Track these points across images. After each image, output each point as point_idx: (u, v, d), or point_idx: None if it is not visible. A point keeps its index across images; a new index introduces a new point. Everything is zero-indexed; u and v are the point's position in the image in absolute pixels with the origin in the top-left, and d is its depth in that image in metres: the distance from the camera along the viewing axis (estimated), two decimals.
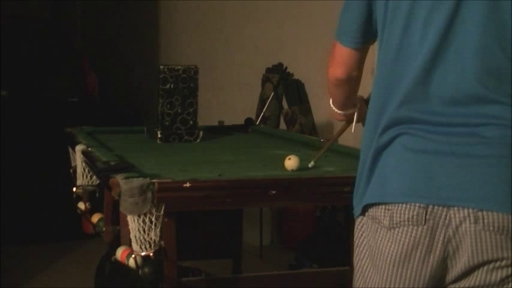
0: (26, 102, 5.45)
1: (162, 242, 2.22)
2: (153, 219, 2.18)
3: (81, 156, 2.91)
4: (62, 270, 4.57)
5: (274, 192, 2.31)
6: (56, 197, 4.91)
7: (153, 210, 2.17)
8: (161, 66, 3.30)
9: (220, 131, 3.75)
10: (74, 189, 3.02)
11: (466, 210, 1.54)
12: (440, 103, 1.60)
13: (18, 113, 5.36)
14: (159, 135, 3.29)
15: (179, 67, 3.30)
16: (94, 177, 2.87)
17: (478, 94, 1.58)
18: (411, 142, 1.61)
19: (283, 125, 4.81)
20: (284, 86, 4.78)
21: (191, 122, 3.31)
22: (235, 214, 3.40)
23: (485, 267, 1.57)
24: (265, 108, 4.78)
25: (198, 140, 3.33)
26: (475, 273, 1.59)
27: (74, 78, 5.76)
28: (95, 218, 2.95)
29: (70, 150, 3.31)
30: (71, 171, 3.24)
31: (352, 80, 1.88)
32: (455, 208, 1.55)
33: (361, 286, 1.73)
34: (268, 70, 4.96)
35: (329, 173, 2.49)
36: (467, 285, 1.60)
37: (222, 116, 4.33)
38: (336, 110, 2.10)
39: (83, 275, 4.03)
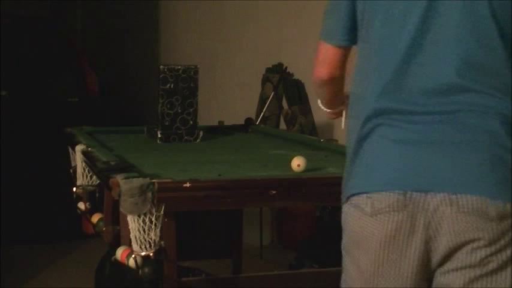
0: (26, 102, 5.45)
1: (162, 242, 2.22)
2: (153, 219, 2.18)
3: (81, 156, 2.91)
4: (62, 270, 4.57)
5: (274, 192, 2.31)
6: (56, 197, 4.91)
7: (153, 210, 2.17)
8: (161, 66, 3.30)
9: (220, 131, 3.75)
10: (74, 189, 3.02)
11: (441, 195, 1.60)
12: (419, 93, 1.65)
13: (18, 113, 5.36)
14: (159, 135, 3.29)
15: (179, 67, 3.30)
16: (94, 177, 2.87)
17: (455, 84, 1.64)
18: (389, 132, 1.67)
19: (283, 125, 4.81)
20: (284, 86, 4.78)
21: (191, 122, 3.31)
22: (235, 214, 3.40)
23: (465, 249, 1.62)
24: (265, 108, 4.78)
25: (198, 140, 3.33)
26: (456, 255, 1.64)
27: (74, 78, 5.76)
28: (95, 218, 2.95)
29: (70, 150, 3.31)
30: (71, 171, 3.24)
31: (336, 80, 1.91)
32: (432, 193, 1.61)
33: (349, 269, 1.77)
34: (268, 70, 4.96)
35: (329, 173, 2.49)
36: (451, 267, 1.65)
37: (222, 116, 4.33)
38: (325, 109, 2.15)
39: (83, 275, 4.02)
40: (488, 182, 1.60)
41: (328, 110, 2.15)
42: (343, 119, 2.23)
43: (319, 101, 2.13)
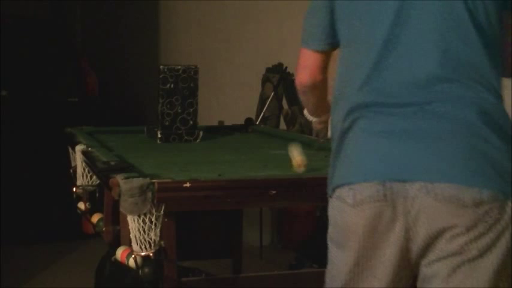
0: (26, 102, 5.45)
1: (162, 242, 2.22)
2: (153, 219, 2.18)
3: (81, 156, 2.91)
4: (62, 270, 4.57)
5: (274, 192, 2.31)
6: (56, 197, 4.91)
7: (153, 210, 2.17)
8: (161, 66, 3.30)
9: (220, 131, 3.75)
10: (74, 189, 3.02)
11: (419, 184, 1.64)
12: (397, 85, 1.70)
13: (18, 113, 5.36)
14: (159, 135, 3.29)
15: (179, 67, 3.30)
16: (94, 177, 2.87)
17: (433, 75, 1.68)
18: (368, 124, 1.72)
19: (283, 125, 4.81)
20: (284, 86, 4.78)
21: (191, 122, 3.31)
22: (235, 214, 3.40)
23: (444, 238, 1.65)
24: (265, 108, 4.78)
25: (198, 140, 3.33)
26: (436, 244, 1.67)
27: (74, 78, 5.76)
28: (95, 218, 2.95)
29: (70, 150, 3.31)
30: (71, 171, 3.24)
31: (318, 85, 1.96)
32: (410, 182, 1.64)
33: (334, 260, 1.81)
34: (268, 70, 4.95)
35: None
36: (433, 258, 1.68)
37: (222, 116, 4.34)
38: (311, 118, 2.21)
39: (83, 275, 4.02)
40: (463, 170, 1.64)
41: (314, 119, 2.21)
42: (329, 127, 2.26)
43: (305, 111, 2.20)
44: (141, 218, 2.17)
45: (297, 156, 2.45)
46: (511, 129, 1.70)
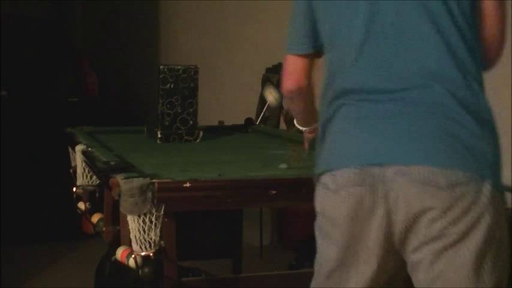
0: (26, 102, 5.45)
1: (162, 242, 2.22)
2: (153, 219, 2.18)
3: (81, 156, 2.91)
4: (62, 270, 4.56)
5: (274, 192, 2.31)
6: (56, 197, 4.91)
7: (153, 210, 2.18)
8: (161, 66, 3.30)
9: (220, 131, 3.75)
10: (74, 189, 3.02)
11: (395, 167, 1.67)
12: (377, 75, 1.74)
13: (18, 113, 5.36)
14: (159, 135, 3.29)
15: (179, 67, 3.30)
16: (94, 177, 2.87)
17: (412, 64, 1.71)
18: (348, 111, 1.77)
19: (283, 125, 4.80)
20: None
21: (191, 122, 3.31)
22: (235, 214, 3.40)
23: (422, 223, 1.67)
24: (265, 108, 4.77)
25: (198, 140, 3.33)
26: (416, 228, 1.68)
27: (74, 78, 5.76)
28: (95, 218, 2.95)
29: (70, 150, 3.31)
30: (71, 171, 3.24)
31: (304, 90, 1.98)
32: (387, 166, 1.68)
33: (321, 247, 1.84)
34: (268, 70, 4.95)
35: None
36: (416, 244, 1.69)
37: (222, 116, 4.33)
38: (301, 128, 2.24)
39: (83, 275, 4.02)
40: (438, 153, 1.66)
41: (304, 128, 2.24)
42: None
43: (295, 121, 2.23)
44: (141, 218, 2.17)
45: (273, 91, 2.51)
46: (489, 113, 1.73)
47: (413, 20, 1.72)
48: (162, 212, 2.19)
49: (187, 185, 2.24)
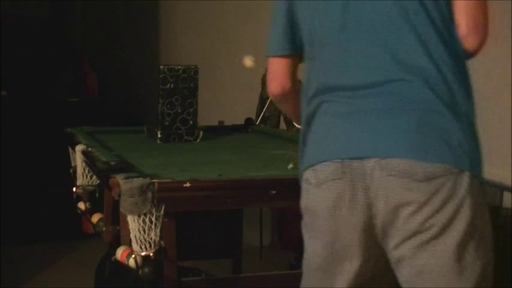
0: (26, 102, 5.45)
1: (162, 242, 2.22)
2: (153, 219, 2.18)
3: (81, 156, 2.91)
4: (62, 270, 4.56)
5: (274, 192, 2.31)
6: (56, 197, 4.90)
7: (153, 210, 2.18)
8: (161, 66, 3.30)
9: (220, 131, 3.75)
10: (74, 189, 3.02)
11: (374, 160, 1.69)
12: (355, 70, 1.76)
13: (18, 113, 5.36)
14: (159, 135, 3.28)
15: (179, 67, 3.30)
16: (94, 177, 2.87)
17: (389, 59, 1.73)
18: (329, 107, 1.79)
19: (283, 125, 4.80)
20: None
21: (191, 122, 3.31)
22: (235, 214, 3.40)
23: (401, 216, 1.68)
24: (265, 108, 4.77)
25: (198, 140, 3.33)
26: (396, 223, 1.69)
27: (74, 78, 5.76)
28: (95, 218, 2.94)
29: (70, 150, 3.31)
30: (71, 171, 3.24)
31: (289, 92, 1.98)
32: (366, 159, 1.70)
33: (306, 244, 1.85)
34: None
35: None
36: (398, 240, 1.70)
37: (222, 116, 4.33)
38: (299, 127, 2.22)
39: (83, 275, 4.02)
40: (416, 146, 1.68)
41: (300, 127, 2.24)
42: None
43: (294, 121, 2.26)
44: (141, 218, 2.18)
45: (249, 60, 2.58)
46: (466, 105, 1.73)
47: (388, 16, 1.73)
48: (162, 212, 2.19)
49: (187, 185, 2.24)
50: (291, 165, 2.53)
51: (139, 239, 2.20)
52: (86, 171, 2.92)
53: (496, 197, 3.34)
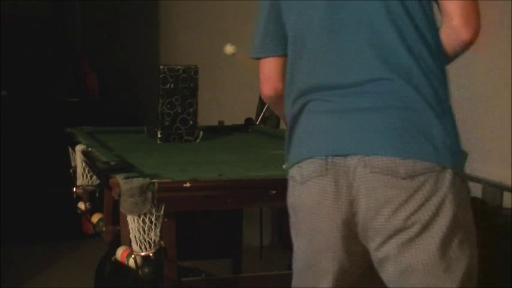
0: (26, 102, 5.45)
1: (162, 242, 2.22)
2: (153, 219, 2.18)
3: (81, 156, 2.91)
4: (62, 270, 4.57)
5: (274, 192, 2.31)
6: (56, 197, 4.90)
7: (153, 210, 2.18)
8: (161, 66, 3.30)
9: (220, 131, 3.75)
10: (74, 189, 3.02)
11: (357, 157, 1.70)
12: (339, 69, 1.77)
13: (18, 113, 5.36)
14: (159, 135, 3.29)
15: (179, 67, 3.30)
16: (94, 177, 2.87)
17: (372, 58, 1.74)
18: (314, 106, 1.80)
19: (283, 125, 4.80)
20: None
21: (191, 122, 3.31)
22: (235, 214, 3.40)
23: (383, 214, 1.69)
24: (265, 108, 4.76)
25: (198, 140, 3.33)
26: (378, 221, 1.69)
27: (74, 78, 5.76)
28: (95, 218, 2.94)
29: (70, 150, 3.31)
30: (71, 171, 3.24)
31: (282, 95, 1.97)
32: (350, 157, 1.71)
33: (294, 242, 1.87)
34: None
35: None
36: (381, 240, 1.71)
37: (222, 116, 4.33)
38: None
39: (83, 275, 4.02)
40: (398, 143, 1.69)
41: None
42: None
43: None
44: (141, 218, 2.18)
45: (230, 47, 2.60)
46: (447, 103, 1.75)
47: (371, 16, 1.75)
48: (162, 212, 2.19)
49: (187, 185, 2.24)
50: (285, 165, 2.53)
51: (139, 239, 2.20)
52: (86, 171, 2.92)
53: (496, 197, 3.34)
